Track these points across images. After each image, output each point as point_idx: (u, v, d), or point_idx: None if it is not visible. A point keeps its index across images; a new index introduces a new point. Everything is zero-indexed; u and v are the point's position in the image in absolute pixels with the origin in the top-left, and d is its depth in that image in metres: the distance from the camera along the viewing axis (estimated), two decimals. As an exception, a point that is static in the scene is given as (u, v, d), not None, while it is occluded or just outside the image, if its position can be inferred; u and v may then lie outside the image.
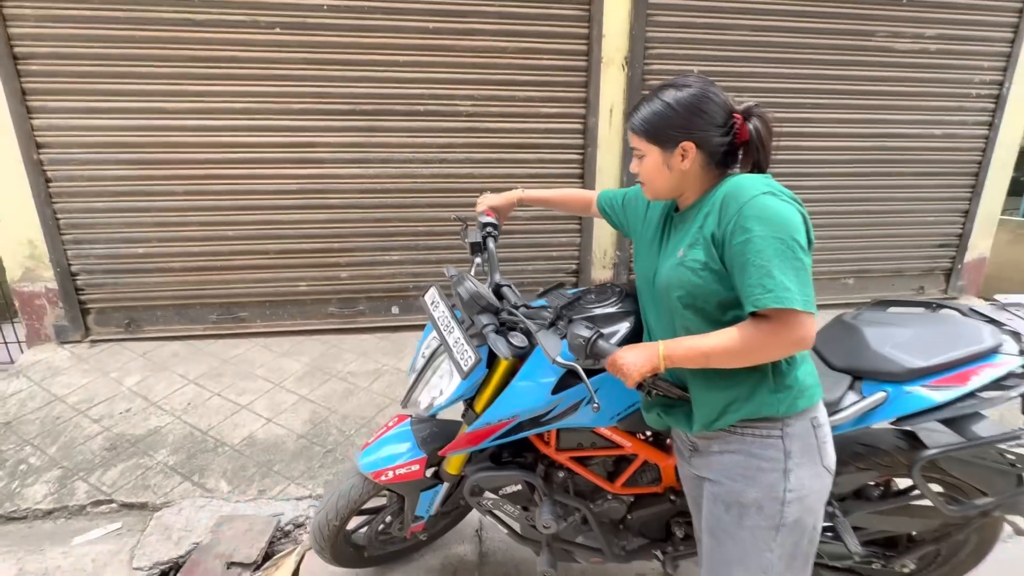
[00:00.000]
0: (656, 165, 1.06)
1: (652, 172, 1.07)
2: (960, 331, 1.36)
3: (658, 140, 1.03)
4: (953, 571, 1.60)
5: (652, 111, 1.03)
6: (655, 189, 1.11)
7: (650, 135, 1.04)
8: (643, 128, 1.04)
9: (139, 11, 2.70)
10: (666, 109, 1.01)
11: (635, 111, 1.06)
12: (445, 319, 1.38)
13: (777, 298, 0.88)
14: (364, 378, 2.87)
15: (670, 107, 1.01)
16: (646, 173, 1.09)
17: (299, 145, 3.00)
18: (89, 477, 2.25)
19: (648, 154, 1.06)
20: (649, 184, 1.10)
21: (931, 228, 3.86)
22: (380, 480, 1.50)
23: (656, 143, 1.04)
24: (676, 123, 1.01)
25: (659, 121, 1.02)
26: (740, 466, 1.05)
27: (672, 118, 1.01)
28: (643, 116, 1.04)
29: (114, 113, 2.81)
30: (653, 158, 1.05)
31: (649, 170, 1.08)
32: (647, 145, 1.05)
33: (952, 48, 3.48)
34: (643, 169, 1.09)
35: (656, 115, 1.02)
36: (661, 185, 1.08)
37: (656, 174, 1.07)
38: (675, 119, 1.01)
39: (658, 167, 1.06)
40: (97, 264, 3.00)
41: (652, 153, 1.05)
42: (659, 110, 1.02)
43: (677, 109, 1.00)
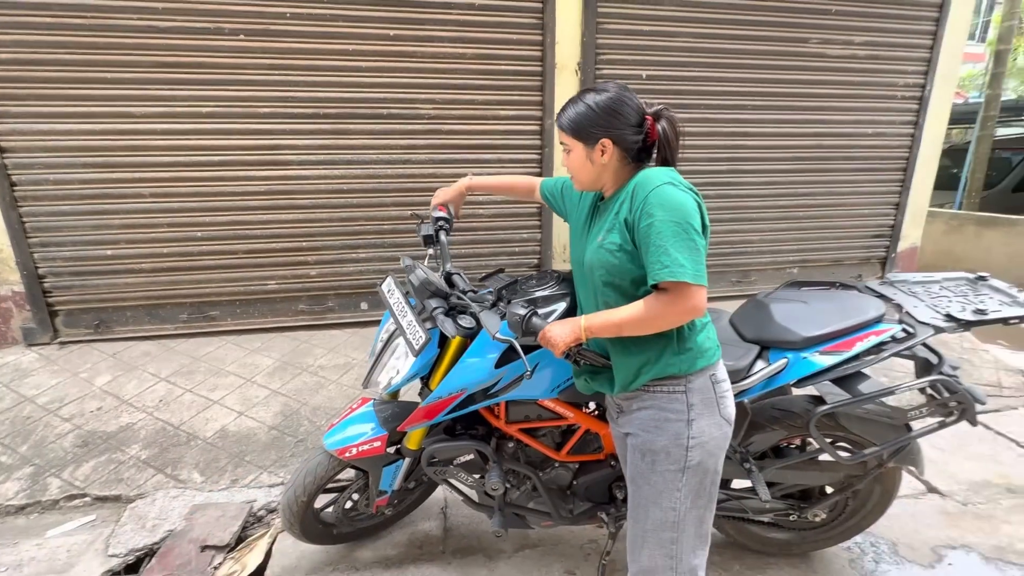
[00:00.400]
0: (580, 159, 1.20)
1: (577, 165, 1.21)
2: (851, 305, 1.56)
3: (581, 136, 1.18)
4: (863, 520, 1.80)
5: (576, 111, 1.17)
6: (580, 180, 1.25)
7: (575, 132, 1.17)
8: (569, 126, 1.18)
9: (102, 18, 2.75)
10: (587, 110, 1.16)
11: (563, 111, 1.19)
12: (399, 304, 1.51)
13: (672, 272, 1.04)
14: (334, 372, 2.97)
15: (591, 108, 1.16)
16: (572, 166, 1.23)
17: (266, 148, 3.08)
18: (61, 473, 2.30)
19: (573, 149, 1.20)
20: (576, 175, 1.25)
21: (866, 220, 4.17)
22: (345, 457, 1.62)
23: (579, 139, 1.18)
24: (596, 122, 1.15)
25: (582, 120, 1.16)
26: (652, 419, 1.21)
27: (593, 118, 1.15)
28: (569, 116, 1.18)
29: (80, 118, 2.85)
30: (578, 152, 1.19)
31: (575, 163, 1.22)
32: (572, 141, 1.19)
33: (879, 54, 3.78)
34: (570, 162, 1.23)
35: (579, 115, 1.17)
36: (585, 176, 1.23)
37: (580, 166, 1.21)
38: (595, 119, 1.15)
39: (582, 160, 1.20)
40: (65, 266, 3.03)
41: (577, 148, 1.19)
42: (582, 111, 1.16)
43: (596, 110, 1.15)
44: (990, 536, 2.04)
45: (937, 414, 1.50)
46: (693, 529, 1.24)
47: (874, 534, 2.01)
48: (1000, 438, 2.70)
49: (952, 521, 2.12)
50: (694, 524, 1.24)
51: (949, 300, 1.56)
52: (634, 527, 1.28)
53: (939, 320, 1.47)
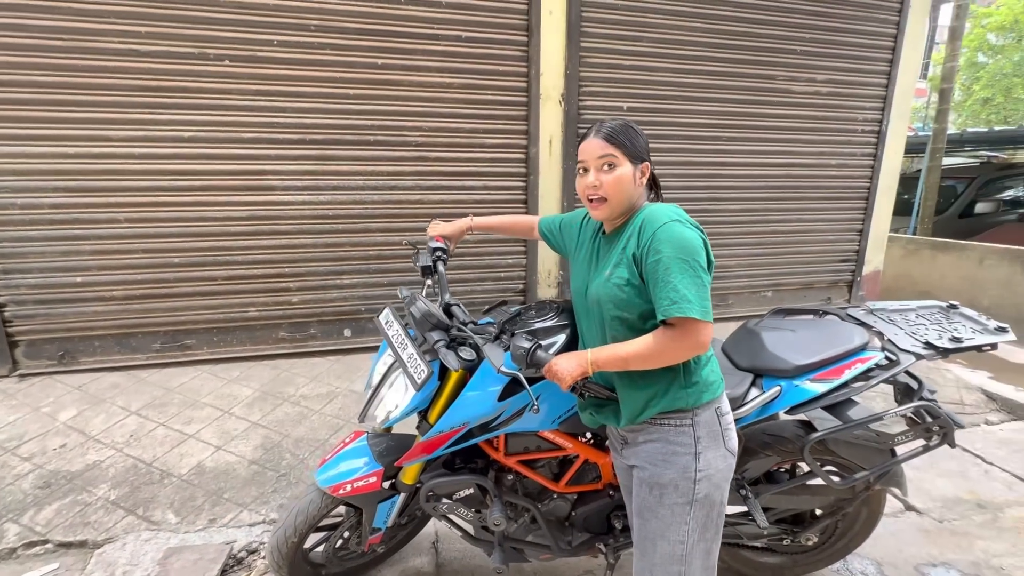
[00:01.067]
0: (627, 176, 1.16)
1: (622, 183, 1.15)
2: (837, 332, 1.63)
3: (629, 154, 1.16)
4: (851, 542, 1.85)
5: (624, 128, 1.16)
6: (615, 203, 1.17)
7: (625, 148, 1.15)
8: (620, 141, 1.15)
9: (81, 41, 2.69)
10: (633, 131, 1.18)
11: (607, 126, 1.17)
12: (399, 337, 1.49)
13: (680, 308, 1.06)
14: (317, 401, 2.89)
15: (635, 130, 1.18)
16: (615, 183, 1.15)
17: (249, 173, 3.04)
18: (20, 518, 2.14)
19: (621, 165, 1.15)
20: (612, 197, 1.16)
21: (833, 246, 4.39)
22: (338, 494, 1.57)
23: (628, 156, 1.16)
24: (640, 144, 1.18)
25: (633, 137, 1.16)
26: (659, 452, 1.22)
27: (638, 139, 1.18)
28: (618, 130, 1.16)
29: (53, 140, 2.76)
30: (625, 170, 1.16)
31: (619, 180, 1.15)
32: (622, 157, 1.15)
33: (839, 91, 4.05)
34: (612, 180, 1.15)
35: (628, 132, 1.16)
36: (624, 198, 1.17)
37: (625, 186, 1.16)
38: (640, 140, 1.18)
39: (628, 178, 1.16)
40: (29, 294, 2.88)
41: (625, 164, 1.16)
42: (629, 130, 1.17)
43: (640, 133, 1.18)
44: (967, 552, 2.12)
45: (921, 438, 1.56)
46: (700, 562, 1.25)
47: (861, 555, 2.06)
48: (966, 455, 2.83)
49: (930, 539, 2.20)
50: (701, 556, 1.24)
51: (926, 328, 1.64)
52: (641, 560, 1.28)
53: (919, 348, 1.55)
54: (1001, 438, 3.02)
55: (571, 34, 3.34)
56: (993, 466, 2.73)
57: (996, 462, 2.76)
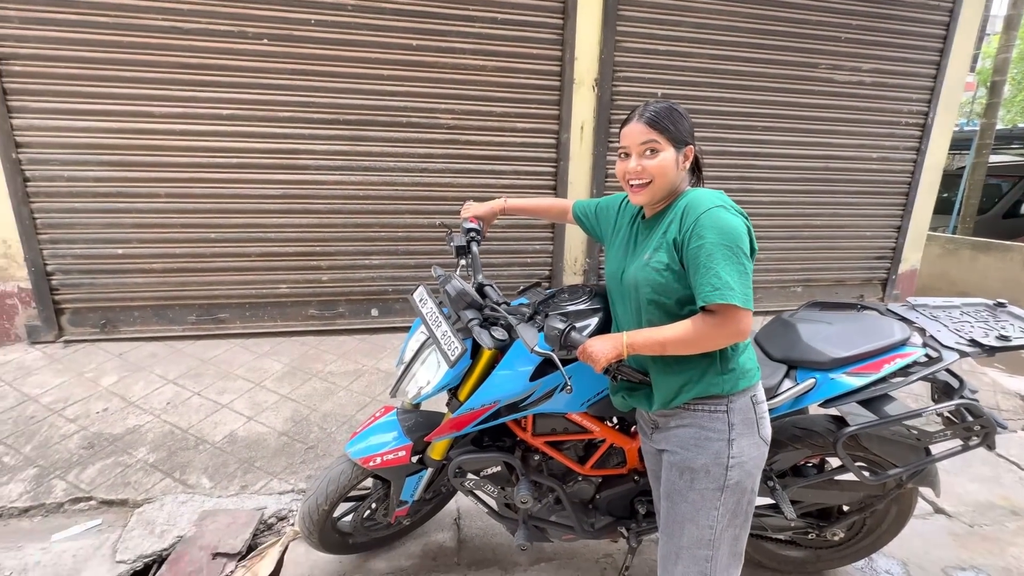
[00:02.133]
0: (670, 162, 1.14)
1: (664, 168, 1.14)
2: (876, 327, 1.59)
3: (672, 138, 1.14)
4: (878, 540, 1.83)
5: (668, 112, 1.13)
6: (658, 187, 1.16)
7: (669, 133, 1.13)
8: (663, 125, 1.13)
9: (126, 18, 2.75)
10: (678, 115, 1.15)
11: (650, 110, 1.14)
12: (433, 314, 1.51)
13: (722, 295, 1.05)
14: (344, 378, 2.95)
15: (680, 114, 1.15)
16: (658, 168, 1.14)
17: (284, 152, 3.09)
18: (67, 475, 2.25)
19: (664, 150, 1.14)
20: (657, 180, 1.15)
21: (868, 242, 4.25)
22: (368, 466, 1.61)
23: (671, 141, 1.14)
24: (685, 128, 1.16)
25: (677, 121, 1.14)
26: (692, 437, 1.22)
27: (682, 122, 1.16)
28: (662, 115, 1.13)
29: (98, 115, 2.84)
30: (668, 155, 1.14)
31: (663, 166, 1.14)
32: (665, 142, 1.14)
33: (885, 81, 3.88)
34: (656, 165, 1.14)
35: (673, 116, 1.14)
36: (667, 183, 1.16)
37: (668, 170, 1.14)
38: (684, 124, 1.16)
39: (670, 164, 1.14)
40: (74, 264, 2.99)
41: (668, 150, 1.14)
42: (674, 113, 1.14)
43: (685, 116, 1.16)
44: (997, 558, 2.07)
45: (959, 438, 1.52)
46: (728, 548, 1.25)
47: (887, 554, 2.03)
48: (1001, 460, 2.75)
49: (960, 542, 2.15)
50: (729, 543, 1.24)
51: (971, 325, 1.59)
52: (668, 543, 1.29)
53: (964, 345, 1.50)
54: (1039, 445, 2.92)
55: (607, 18, 3.28)
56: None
57: (1033, 469, 2.67)
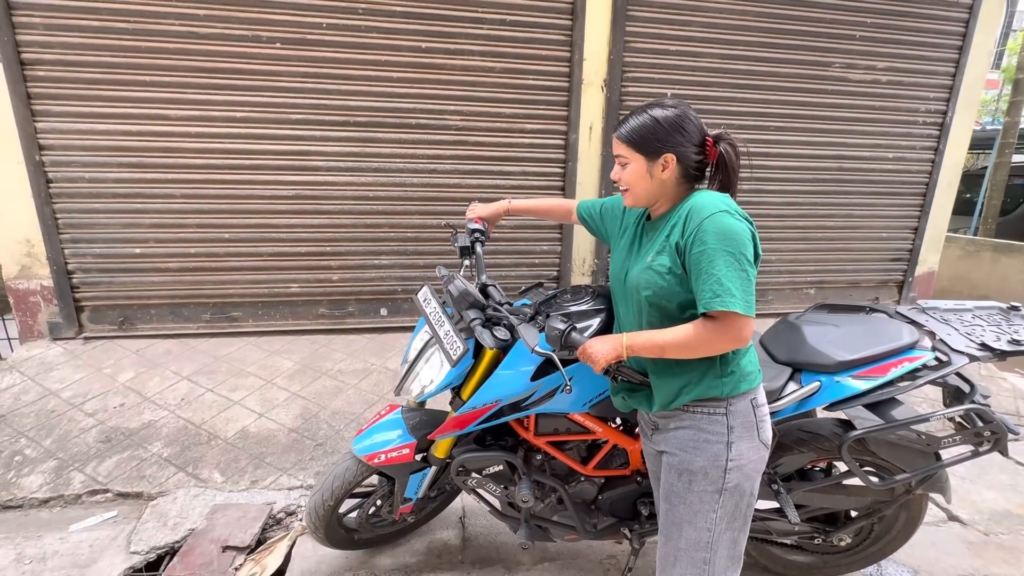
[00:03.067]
0: (640, 172, 1.19)
1: (635, 178, 1.20)
2: (884, 330, 1.56)
3: (643, 150, 1.17)
4: (887, 547, 1.80)
5: (641, 124, 1.17)
6: (636, 194, 1.23)
7: (637, 145, 1.17)
8: (630, 138, 1.17)
9: (145, 24, 2.83)
10: (653, 124, 1.16)
11: (623, 123, 1.19)
12: (436, 314, 1.53)
13: (723, 301, 1.04)
14: (353, 376, 2.99)
15: (657, 122, 1.16)
16: (629, 179, 1.21)
17: (296, 153, 3.14)
18: (84, 468, 2.32)
19: (632, 162, 1.19)
20: (632, 189, 1.22)
21: (884, 243, 4.16)
22: (373, 463, 1.63)
23: (641, 152, 1.17)
24: (661, 136, 1.16)
25: (647, 133, 1.17)
26: (691, 439, 1.22)
27: (658, 132, 1.16)
28: (632, 127, 1.17)
29: (117, 119, 2.92)
30: (637, 166, 1.18)
31: (632, 177, 1.20)
32: (633, 153, 1.18)
33: (901, 79, 3.81)
34: (627, 176, 1.21)
35: (644, 127, 1.16)
36: (642, 191, 1.21)
37: (639, 180, 1.20)
38: (660, 133, 1.16)
39: (641, 174, 1.19)
40: (94, 263, 3.08)
41: (637, 161, 1.18)
42: (647, 123, 1.17)
43: (663, 124, 1.16)
44: (1014, 568, 2.02)
45: (969, 443, 1.50)
46: (726, 551, 1.24)
47: (897, 561, 2.00)
48: (1021, 468, 2.68)
49: (974, 551, 2.11)
50: (728, 546, 1.24)
51: (983, 329, 1.56)
52: (666, 544, 1.28)
53: (974, 349, 1.47)
54: (1060, 453, 2.84)
55: (616, 18, 3.27)
56: (1049, 481, 2.58)
57: (1052, 477, 2.60)
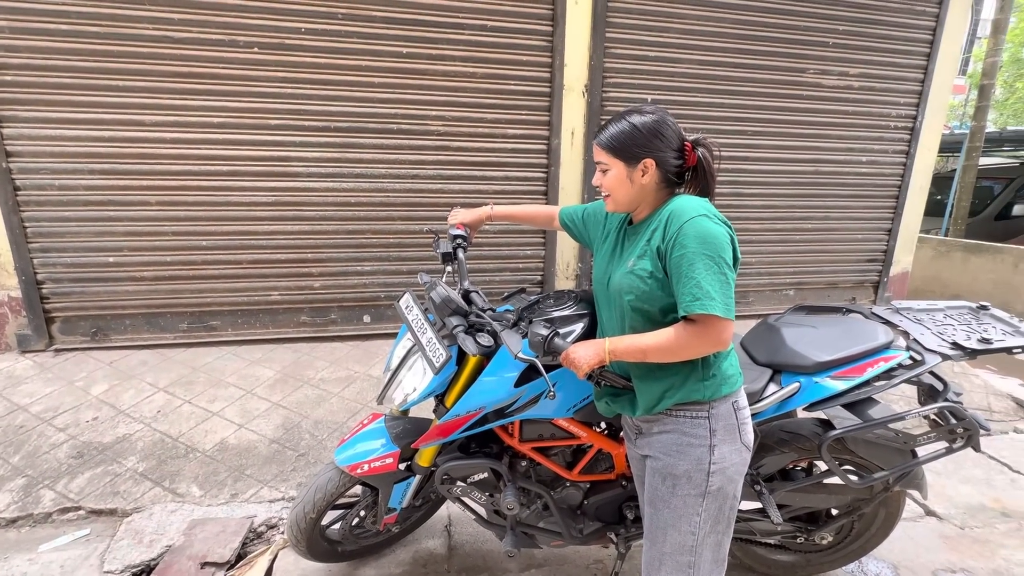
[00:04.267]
0: (620, 178, 1.20)
1: (615, 184, 1.21)
2: (860, 330, 1.59)
3: (623, 156, 1.18)
4: (867, 544, 1.83)
5: (620, 130, 1.18)
6: (617, 200, 1.24)
7: (616, 151, 1.19)
8: (610, 144, 1.19)
9: (117, 28, 2.77)
10: (632, 129, 1.18)
11: (603, 130, 1.20)
12: (419, 321, 1.52)
13: (703, 305, 1.05)
14: (336, 385, 2.95)
15: (636, 128, 1.17)
16: (610, 185, 1.22)
17: (275, 159, 3.10)
18: (55, 485, 2.24)
19: (613, 168, 1.20)
20: (613, 195, 1.23)
21: (860, 245, 4.27)
22: (356, 473, 1.60)
23: (621, 158, 1.19)
24: (640, 142, 1.17)
25: (626, 139, 1.18)
26: (674, 443, 1.22)
27: (637, 138, 1.17)
28: (611, 134, 1.19)
29: (89, 124, 2.85)
30: (617, 172, 1.20)
31: (612, 182, 1.21)
32: (613, 160, 1.20)
33: (873, 85, 3.92)
34: (607, 181, 1.22)
35: (623, 134, 1.18)
36: (623, 196, 1.22)
37: (619, 186, 1.21)
38: (639, 139, 1.17)
39: (621, 180, 1.20)
40: (65, 273, 2.99)
41: (617, 167, 1.20)
42: (626, 130, 1.18)
43: (641, 130, 1.17)
44: (988, 560, 2.07)
45: (944, 440, 1.53)
46: (711, 554, 1.25)
47: (877, 557, 2.03)
48: (993, 462, 2.76)
49: (951, 545, 2.15)
50: (712, 549, 1.25)
51: (954, 328, 1.60)
52: (651, 549, 1.29)
53: (946, 348, 1.51)
54: (1030, 447, 2.93)
55: (596, 24, 3.30)
56: (1020, 475, 2.65)
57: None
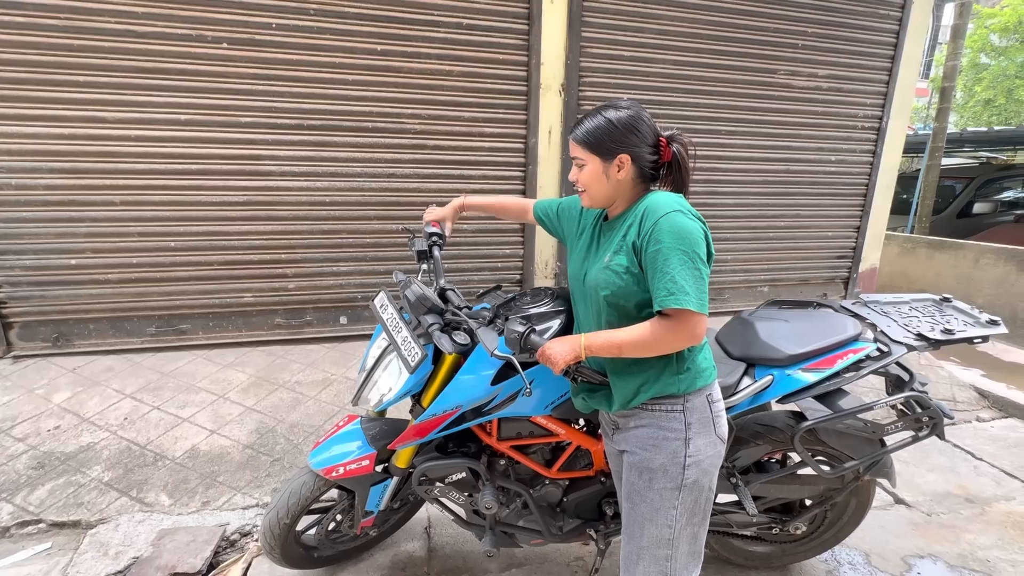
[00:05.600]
0: (596, 173, 1.20)
1: (591, 179, 1.21)
2: (830, 323, 1.63)
3: (599, 151, 1.18)
4: (839, 532, 1.87)
5: (596, 125, 1.17)
6: (593, 195, 1.24)
7: (592, 146, 1.18)
8: (586, 140, 1.18)
9: (77, 21, 2.66)
10: (608, 125, 1.17)
11: (579, 125, 1.20)
12: (394, 320, 1.49)
13: (677, 300, 1.06)
14: (312, 388, 2.89)
15: (611, 123, 1.17)
16: (586, 180, 1.22)
17: (246, 157, 3.02)
18: (13, 498, 2.15)
19: (589, 163, 1.20)
20: (589, 190, 1.23)
21: (830, 242, 4.39)
22: (331, 476, 1.58)
23: (597, 153, 1.18)
24: (616, 137, 1.17)
25: (601, 134, 1.17)
26: (650, 437, 1.23)
27: (613, 133, 1.17)
28: (587, 129, 1.18)
29: (48, 121, 2.73)
30: (593, 167, 1.19)
31: (588, 178, 1.21)
32: (588, 155, 1.19)
33: (840, 87, 4.03)
34: (583, 177, 1.22)
35: (599, 129, 1.17)
36: (599, 191, 1.22)
37: (595, 181, 1.21)
38: (615, 134, 1.17)
39: (597, 175, 1.20)
40: (23, 276, 2.86)
41: (592, 162, 1.19)
42: (602, 125, 1.17)
43: (617, 126, 1.17)
44: (954, 545, 2.15)
45: (910, 429, 1.58)
46: (687, 546, 1.26)
47: (849, 545, 2.08)
48: (957, 450, 2.86)
49: (919, 531, 2.22)
50: (688, 541, 1.26)
51: (919, 320, 1.65)
52: (629, 543, 1.29)
53: (911, 339, 1.56)
54: (992, 435, 3.05)
55: (572, 24, 3.32)
56: (983, 462, 2.76)
57: (986, 458, 2.78)
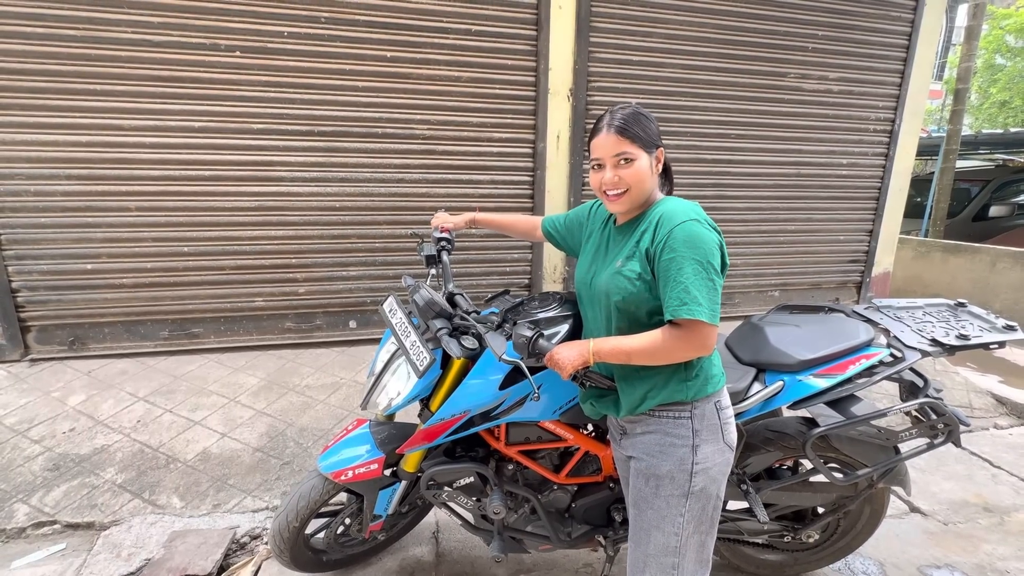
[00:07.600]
0: (645, 168, 1.14)
1: (641, 176, 1.14)
2: (842, 328, 1.61)
3: (645, 144, 1.13)
4: (853, 541, 1.84)
5: (635, 117, 1.12)
6: (635, 195, 1.15)
7: (639, 140, 1.12)
8: (634, 133, 1.11)
9: (95, 31, 2.72)
10: (644, 118, 1.14)
11: (618, 119, 1.13)
12: (402, 324, 1.50)
13: (689, 310, 1.05)
14: (322, 391, 2.91)
15: (646, 117, 1.15)
16: (633, 177, 1.14)
17: (258, 164, 3.06)
18: (29, 499, 2.18)
19: (638, 158, 1.13)
20: (632, 189, 1.14)
21: (842, 246, 4.34)
22: (340, 480, 1.58)
23: (643, 147, 1.13)
24: (652, 130, 1.15)
25: (645, 125, 1.13)
26: (657, 444, 1.22)
27: (650, 126, 1.15)
28: (630, 121, 1.12)
29: (66, 129, 2.79)
30: (643, 162, 1.13)
31: (639, 174, 1.13)
32: (637, 150, 1.13)
33: (852, 89, 4.00)
34: (629, 174, 1.14)
35: (640, 121, 1.12)
36: (642, 190, 1.15)
37: (644, 178, 1.14)
38: (651, 127, 1.15)
39: (646, 170, 1.14)
40: (41, 280, 2.92)
41: (641, 157, 1.13)
42: (640, 118, 1.12)
43: (650, 119, 1.15)
44: (971, 555, 2.10)
45: (925, 436, 1.55)
46: (695, 554, 1.24)
47: (863, 554, 2.04)
48: (974, 458, 2.80)
49: (935, 540, 2.18)
50: (696, 549, 1.24)
51: (933, 325, 1.62)
52: (635, 551, 1.28)
53: (925, 344, 1.53)
54: (1010, 442, 2.98)
55: (580, 29, 3.33)
56: (1001, 470, 2.70)
57: (1004, 466, 2.72)
